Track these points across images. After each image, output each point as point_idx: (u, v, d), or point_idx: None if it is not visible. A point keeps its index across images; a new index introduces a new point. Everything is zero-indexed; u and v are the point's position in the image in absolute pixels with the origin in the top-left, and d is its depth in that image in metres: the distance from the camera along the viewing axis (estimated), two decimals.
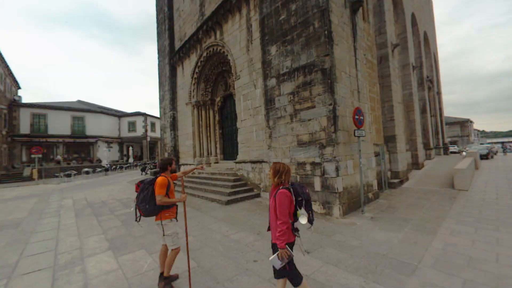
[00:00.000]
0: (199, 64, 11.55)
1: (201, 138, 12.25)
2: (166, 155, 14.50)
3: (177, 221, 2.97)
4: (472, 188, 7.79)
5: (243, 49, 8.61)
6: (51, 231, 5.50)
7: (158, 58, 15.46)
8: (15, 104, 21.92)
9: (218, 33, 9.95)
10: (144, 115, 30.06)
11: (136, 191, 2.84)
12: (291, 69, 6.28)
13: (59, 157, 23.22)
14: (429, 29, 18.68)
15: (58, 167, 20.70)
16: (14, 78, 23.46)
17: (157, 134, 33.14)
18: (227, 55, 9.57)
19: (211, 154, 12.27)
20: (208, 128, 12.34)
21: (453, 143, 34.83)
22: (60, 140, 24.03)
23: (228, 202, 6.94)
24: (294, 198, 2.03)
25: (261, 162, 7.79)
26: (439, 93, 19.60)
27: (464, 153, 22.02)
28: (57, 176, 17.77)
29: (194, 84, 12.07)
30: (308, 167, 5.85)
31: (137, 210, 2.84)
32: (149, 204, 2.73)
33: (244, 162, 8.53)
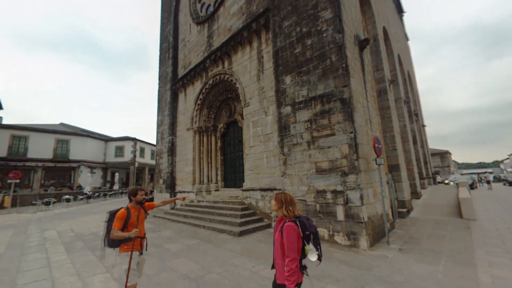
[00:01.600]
0: (203, 91, 11.69)
1: (202, 164, 11.87)
2: (161, 181, 13.76)
3: (140, 254, 2.84)
4: (478, 217, 7.90)
5: (253, 78, 8.88)
6: (42, 269, 4.72)
7: (159, 84, 15.54)
8: None
9: (226, 62, 10.30)
10: (134, 139, 29.14)
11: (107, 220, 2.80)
12: (308, 98, 6.46)
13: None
14: (410, 69, 20.68)
15: (35, 194, 18.85)
16: None
17: (146, 160, 31.92)
18: (235, 83, 9.80)
19: (211, 181, 11.80)
20: (209, 154, 12.06)
21: (436, 173, 36.44)
22: (40, 164, 22.32)
23: (241, 233, 6.47)
24: (301, 232, 1.87)
25: (272, 189, 7.54)
26: (423, 125, 21.02)
27: (452, 183, 22.99)
28: (34, 204, 16.07)
29: (197, 110, 12.06)
30: (329, 196, 5.70)
31: (104, 240, 2.78)
32: (108, 236, 2.71)
33: (253, 189, 8.22)
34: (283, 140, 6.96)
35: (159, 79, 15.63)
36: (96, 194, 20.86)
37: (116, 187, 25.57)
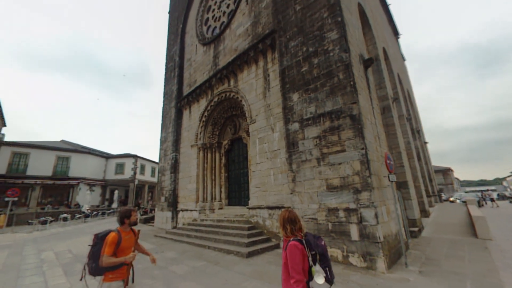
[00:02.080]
0: (208, 108, 11.82)
1: (205, 182, 11.68)
2: (163, 199, 13.45)
3: (125, 285, 2.52)
4: (493, 236, 7.62)
5: (259, 96, 9.02)
6: None
7: (164, 102, 15.77)
8: None
9: (232, 80, 10.52)
10: (135, 156, 29.02)
11: (92, 244, 2.53)
12: (316, 115, 6.50)
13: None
14: (409, 88, 21.18)
15: (31, 213, 18.33)
16: (2, 115, 22.55)
17: (146, 177, 31.53)
18: (240, 100, 9.94)
19: (215, 198, 11.54)
20: (213, 171, 11.91)
21: (440, 191, 35.94)
22: (38, 181, 21.97)
23: (249, 255, 6.17)
24: (307, 252, 1.74)
25: (280, 207, 7.33)
26: (425, 142, 21.07)
27: (458, 201, 22.55)
28: (30, 223, 15.56)
29: (201, 126, 12.11)
30: (341, 214, 5.53)
31: (86, 267, 2.49)
32: (96, 262, 2.42)
33: (260, 207, 8.00)
34: (292, 157, 6.89)
35: (164, 96, 15.89)
36: (94, 212, 20.29)
37: (115, 205, 24.97)
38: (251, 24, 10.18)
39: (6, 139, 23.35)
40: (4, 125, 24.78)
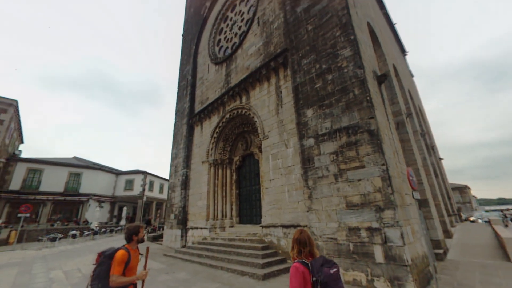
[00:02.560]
0: (220, 124, 11.95)
1: (216, 199, 11.50)
2: (172, 216, 13.26)
3: None
4: None
5: (272, 112, 9.08)
6: None
7: (175, 119, 16.10)
8: (14, 159, 21.16)
9: (244, 97, 10.70)
10: (144, 173, 29.24)
11: (96, 263, 2.41)
12: (332, 130, 6.43)
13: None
14: (419, 104, 21.00)
15: (41, 229, 18.35)
16: (21, 132, 23.50)
17: (154, 193, 31.50)
18: (252, 117, 10.02)
19: (225, 216, 11.28)
20: (224, 188, 11.77)
21: (458, 210, 34.15)
22: (50, 197, 22.25)
23: (265, 277, 5.85)
24: (310, 277, 1.59)
25: (295, 226, 7.05)
26: (440, 158, 20.43)
27: (480, 221, 21.28)
28: (40, 240, 15.51)
29: (213, 143, 12.18)
30: (363, 233, 5.24)
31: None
32: (102, 282, 2.29)
33: (274, 226, 7.72)
34: (307, 173, 6.74)
35: (176, 114, 16.25)
36: (103, 229, 20.13)
37: (123, 222, 24.79)
38: (263, 44, 10.53)
39: (22, 155, 24.12)
40: (22, 142, 25.74)
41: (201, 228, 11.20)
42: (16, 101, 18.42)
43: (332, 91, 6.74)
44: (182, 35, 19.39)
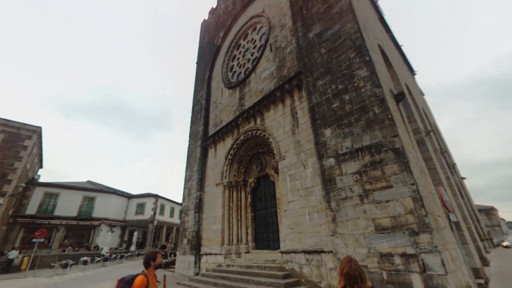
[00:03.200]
0: (234, 146, 12.02)
1: (231, 222, 11.16)
2: (185, 241, 12.87)
3: None
4: None
5: (287, 133, 9.08)
6: None
7: (189, 142, 16.38)
8: (33, 183, 21.76)
9: (258, 119, 10.85)
10: (156, 196, 29.20)
11: None
12: (353, 149, 6.30)
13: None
14: (434, 122, 20.61)
15: (54, 255, 18.17)
16: (41, 157, 24.44)
17: (165, 217, 31.11)
18: (268, 138, 10.05)
19: (241, 241, 10.84)
20: (238, 211, 11.47)
21: (488, 234, 31.48)
22: (63, 222, 22.33)
23: None
24: None
25: (319, 252, 6.63)
26: (463, 178, 19.42)
27: None
28: (52, 267, 15.27)
29: (227, 165, 12.16)
30: (397, 260, 4.84)
31: None
32: None
33: (295, 252, 7.30)
34: (329, 194, 6.49)
35: (190, 137, 16.57)
36: (113, 256, 19.70)
37: (133, 247, 24.27)
38: (276, 68, 10.91)
39: (40, 180, 24.81)
40: (41, 166, 26.65)
41: (215, 254, 10.75)
42: (40, 128, 19.42)
43: (350, 110, 6.73)
44: (196, 63, 20.48)
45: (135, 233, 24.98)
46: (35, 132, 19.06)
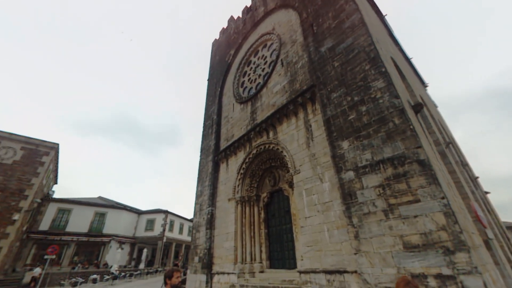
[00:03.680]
0: (247, 160, 11.93)
1: (244, 239, 10.80)
2: (196, 259, 12.48)
3: None
4: None
5: (302, 146, 8.95)
6: None
7: (201, 156, 16.44)
8: (47, 199, 22.17)
9: (271, 133, 10.81)
10: (165, 212, 29.03)
11: None
12: (374, 162, 6.08)
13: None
14: (450, 134, 19.97)
15: (64, 273, 18.00)
16: (57, 173, 25.07)
17: (175, 234, 30.69)
18: (281, 151, 9.92)
19: (254, 259, 10.40)
20: (251, 227, 11.12)
21: None
22: (75, 238, 22.34)
23: None
24: None
25: (342, 272, 6.21)
26: (486, 192, 18.34)
27: None
28: (62, 285, 15.06)
29: (239, 179, 12.01)
30: (432, 282, 4.43)
31: None
32: None
33: (314, 272, 6.88)
34: (350, 209, 6.20)
35: (201, 152, 16.65)
36: (122, 274, 19.31)
37: (142, 265, 23.79)
38: (288, 82, 11.02)
39: (54, 196, 25.28)
40: (56, 182, 27.27)
41: (228, 273, 10.31)
42: (58, 145, 20.11)
43: (368, 121, 6.59)
44: (208, 80, 21.07)
45: (145, 250, 24.59)
46: (53, 149, 19.71)
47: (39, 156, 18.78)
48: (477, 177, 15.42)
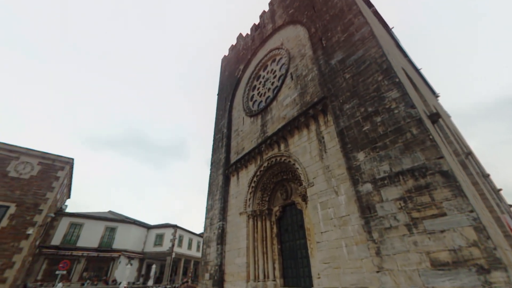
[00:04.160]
0: (258, 173, 11.82)
1: (256, 255, 10.46)
2: (207, 276, 12.12)
3: None
4: None
5: (315, 158, 8.82)
6: None
7: (211, 170, 16.45)
8: (60, 213, 22.48)
9: (282, 145, 10.75)
10: (175, 227, 28.78)
11: None
12: (392, 173, 5.88)
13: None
14: (467, 144, 19.31)
15: None
16: (70, 188, 25.57)
17: (183, 249, 30.21)
18: (293, 164, 9.80)
19: (267, 277, 9.99)
20: (264, 243, 10.80)
21: None
22: (85, 253, 22.31)
23: None
24: None
25: None
26: (510, 205, 17.31)
27: None
28: None
29: (250, 192, 11.85)
30: None
31: None
32: None
33: None
34: (370, 223, 5.93)
35: (211, 165, 16.68)
36: None
37: (150, 282, 23.32)
38: (298, 94, 11.09)
39: (67, 210, 25.63)
40: (69, 197, 27.75)
41: None
42: (73, 159, 20.68)
43: (384, 132, 6.46)
44: (217, 94, 21.53)
45: (153, 266, 24.17)
46: (68, 163, 20.25)
47: (54, 171, 19.30)
48: (500, 190, 14.63)
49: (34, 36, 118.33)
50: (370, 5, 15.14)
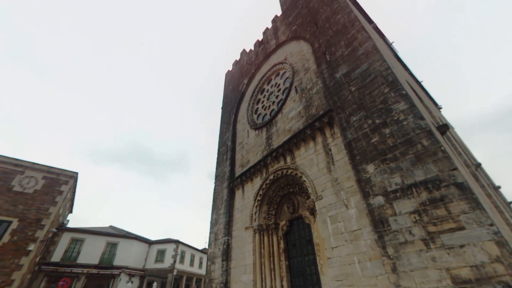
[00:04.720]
0: (264, 186, 11.68)
1: (263, 272, 10.09)
2: None
3: None
4: None
5: (322, 170, 8.73)
6: None
7: (215, 183, 16.31)
8: (62, 228, 22.16)
9: (288, 158, 10.70)
10: (177, 242, 28.12)
11: None
12: (405, 186, 5.77)
13: None
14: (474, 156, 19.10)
15: None
16: (73, 202, 25.37)
17: (185, 266, 29.30)
18: (300, 176, 9.70)
19: None
20: (271, 259, 10.45)
21: None
22: (85, 271, 21.70)
23: None
24: None
25: None
26: None
27: None
28: None
29: (256, 206, 11.65)
30: None
31: None
32: None
33: None
34: (383, 238, 5.75)
35: (216, 178, 16.56)
36: None
37: None
38: (303, 107, 11.19)
39: (68, 225, 25.27)
40: (71, 211, 27.47)
41: None
42: (77, 173, 20.67)
43: (393, 144, 6.41)
44: (222, 108, 21.81)
45: (154, 284, 23.38)
46: (72, 177, 20.23)
47: (58, 185, 19.24)
48: (511, 202, 14.27)
49: (40, 51, 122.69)
50: (371, 21, 15.63)
